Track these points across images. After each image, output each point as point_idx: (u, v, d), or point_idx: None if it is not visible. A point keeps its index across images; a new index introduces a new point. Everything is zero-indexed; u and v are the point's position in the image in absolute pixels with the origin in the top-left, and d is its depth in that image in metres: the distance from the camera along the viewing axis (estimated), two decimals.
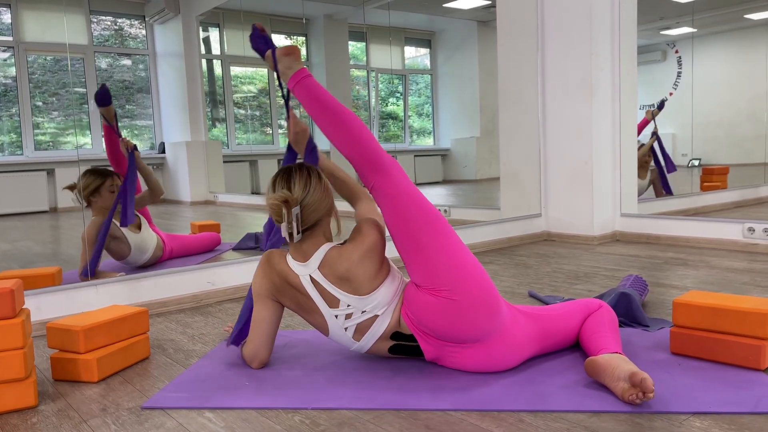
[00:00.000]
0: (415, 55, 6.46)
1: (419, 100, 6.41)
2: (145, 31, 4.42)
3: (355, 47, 5.72)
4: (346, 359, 1.91)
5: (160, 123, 4.58)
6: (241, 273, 2.90)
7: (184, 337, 2.27)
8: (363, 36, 5.70)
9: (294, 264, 1.75)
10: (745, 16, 4.93)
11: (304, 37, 5.24)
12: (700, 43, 5.07)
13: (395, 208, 1.70)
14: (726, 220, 3.64)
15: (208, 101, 4.92)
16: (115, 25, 4.30)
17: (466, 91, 6.46)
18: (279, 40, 5.27)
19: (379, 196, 1.73)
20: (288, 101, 1.95)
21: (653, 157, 4.80)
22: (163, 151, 4.63)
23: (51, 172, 3.91)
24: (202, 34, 4.85)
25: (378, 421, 1.48)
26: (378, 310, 1.73)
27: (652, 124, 4.83)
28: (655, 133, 4.82)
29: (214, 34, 5.04)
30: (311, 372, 1.82)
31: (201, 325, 2.42)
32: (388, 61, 5.93)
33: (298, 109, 3.25)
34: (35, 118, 3.86)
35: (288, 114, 1.98)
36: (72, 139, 4.04)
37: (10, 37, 3.77)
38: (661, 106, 4.99)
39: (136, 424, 1.53)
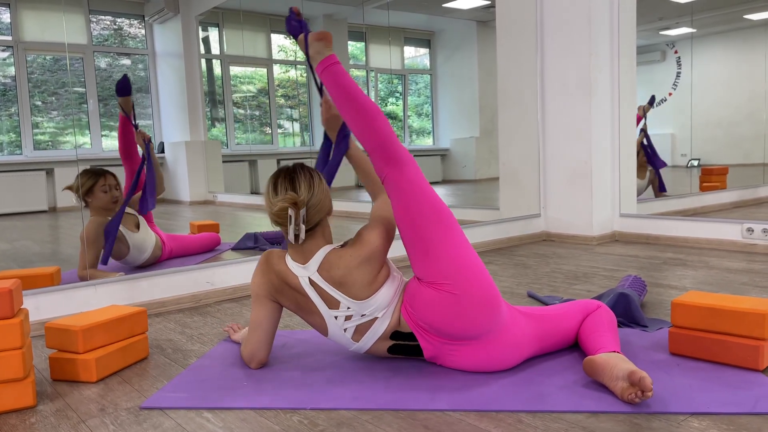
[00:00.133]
0: (415, 55, 6.46)
1: (418, 100, 6.40)
2: (144, 31, 4.42)
3: (354, 47, 5.72)
4: (345, 359, 1.91)
5: (160, 123, 4.58)
6: (241, 273, 2.90)
7: (183, 337, 2.27)
8: (362, 36, 5.70)
9: (293, 265, 1.75)
10: (745, 17, 4.94)
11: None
12: (699, 43, 5.08)
13: (405, 202, 1.71)
14: (725, 220, 3.64)
15: (208, 101, 4.92)
16: (115, 24, 4.30)
17: (466, 91, 6.47)
18: (279, 39, 5.27)
19: (390, 188, 1.74)
20: (322, 87, 1.97)
21: (645, 154, 4.78)
22: (162, 150, 4.63)
23: (50, 172, 3.91)
24: (202, 34, 4.85)
25: (376, 422, 1.48)
26: (378, 312, 1.73)
27: (642, 122, 4.81)
28: (643, 130, 4.80)
29: (214, 34, 5.03)
30: (310, 372, 1.82)
31: (200, 325, 2.42)
32: (388, 61, 5.93)
33: None
34: (34, 118, 3.86)
35: (322, 99, 2.02)
36: (71, 138, 4.04)
37: (10, 37, 3.77)
38: (652, 102, 4.98)
39: (135, 424, 1.53)
